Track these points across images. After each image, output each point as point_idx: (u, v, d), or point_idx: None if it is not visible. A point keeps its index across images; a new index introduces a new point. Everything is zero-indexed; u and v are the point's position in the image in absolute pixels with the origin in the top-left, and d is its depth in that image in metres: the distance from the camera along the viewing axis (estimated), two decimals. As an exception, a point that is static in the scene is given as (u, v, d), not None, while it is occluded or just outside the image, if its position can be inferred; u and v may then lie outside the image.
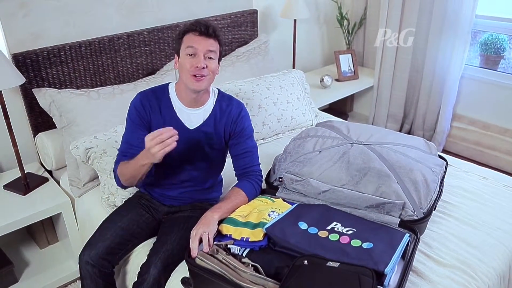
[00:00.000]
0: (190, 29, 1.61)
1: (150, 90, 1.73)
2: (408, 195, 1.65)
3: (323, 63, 3.85)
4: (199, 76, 1.60)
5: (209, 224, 1.54)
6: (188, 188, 1.81)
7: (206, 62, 1.60)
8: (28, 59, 2.11)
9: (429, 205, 1.68)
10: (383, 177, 1.69)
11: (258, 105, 2.42)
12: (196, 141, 1.73)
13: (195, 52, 1.59)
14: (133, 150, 1.64)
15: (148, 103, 1.69)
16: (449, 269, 1.57)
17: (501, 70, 3.23)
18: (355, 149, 1.84)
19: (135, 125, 1.69)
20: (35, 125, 2.25)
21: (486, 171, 2.21)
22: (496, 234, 1.73)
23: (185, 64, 1.60)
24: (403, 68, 3.44)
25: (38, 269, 2.22)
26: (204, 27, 1.59)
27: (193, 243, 1.49)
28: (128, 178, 1.63)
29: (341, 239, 1.46)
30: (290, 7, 2.99)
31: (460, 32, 3.04)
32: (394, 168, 1.73)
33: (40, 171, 2.29)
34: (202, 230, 1.51)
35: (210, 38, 1.61)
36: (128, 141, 1.69)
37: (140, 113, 1.68)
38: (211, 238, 1.51)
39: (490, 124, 3.22)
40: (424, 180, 1.71)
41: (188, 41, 1.60)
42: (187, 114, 1.72)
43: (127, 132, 1.71)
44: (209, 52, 1.61)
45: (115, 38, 2.38)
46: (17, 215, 1.98)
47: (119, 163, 1.67)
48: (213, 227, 1.54)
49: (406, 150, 1.86)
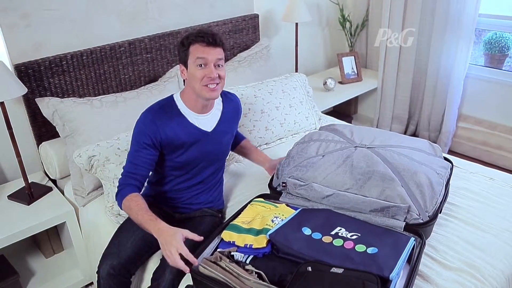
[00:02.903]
0: (197, 40, 1.62)
1: (158, 107, 1.71)
2: (413, 198, 1.63)
3: (326, 66, 3.83)
4: (213, 86, 1.64)
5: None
6: (198, 190, 1.85)
7: (217, 71, 1.64)
8: (30, 69, 2.12)
9: (434, 208, 1.65)
10: (388, 181, 1.67)
11: (261, 110, 2.42)
12: (218, 142, 1.80)
13: (205, 63, 1.62)
14: (138, 170, 1.65)
15: (159, 120, 1.67)
16: (456, 272, 1.54)
17: (506, 69, 3.20)
18: (359, 152, 1.82)
19: (143, 145, 1.66)
20: (39, 134, 2.26)
21: (493, 171, 2.18)
22: (503, 236, 1.71)
23: (196, 75, 1.62)
24: (406, 69, 3.42)
25: (44, 278, 2.22)
26: (212, 37, 1.61)
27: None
28: (131, 218, 1.60)
29: (345, 244, 1.45)
30: (292, 11, 2.99)
31: (464, 31, 3.01)
32: (399, 171, 1.71)
33: (44, 181, 2.30)
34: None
35: (218, 46, 1.63)
36: (133, 161, 1.66)
37: (151, 133, 1.66)
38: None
39: (496, 123, 3.19)
40: (429, 183, 1.69)
41: (196, 52, 1.62)
42: (200, 120, 1.75)
43: (133, 152, 1.68)
44: (219, 60, 1.64)
45: (117, 46, 2.38)
46: (22, 225, 1.98)
47: (126, 192, 1.61)
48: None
49: (410, 153, 1.84)
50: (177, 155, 1.73)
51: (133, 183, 1.64)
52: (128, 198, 1.60)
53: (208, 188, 1.87)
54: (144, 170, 1.67)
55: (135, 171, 1.65)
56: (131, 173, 1.65)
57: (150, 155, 1.67)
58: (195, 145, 1.74)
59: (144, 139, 1.66)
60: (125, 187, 1.63)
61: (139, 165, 1.66)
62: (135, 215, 1.56)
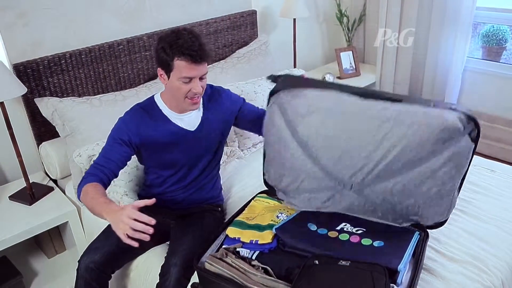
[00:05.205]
0: (184, 57, 1.51)
1: (138, 107, 1.70)
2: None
3: (324, 61, 3.83)
4: (196, 98, 1.61)
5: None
6: (192, 189, 1.83)
7: (202, 84, 1.60)
8: (29, 68, 2.11)
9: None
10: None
11: (261, 106, 2.40)
12: (203, 140, 1.75)
13: (191, 79, 1.57)
14: (108, 164, 1.59)
15: (141, 120, 1.66)
16: (461, 264, 1.55)
17: (504, 61, 3.21)
18: (347, 200, 1.53)
19: (119, 141, 1.63)
20: (39, 134, 2.25)
21: (494, 164, 2.19)
22: (507, 227, 1.72)
23: (181, 89, 1.58)
24: (405, 63, 3.42)
25: (47, 278, 2.21)
26: (199, 57, 1.53)
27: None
28: (87, 206, 1.49)
29: (351, 238, 1.45)
30: (289, 7, 2.98)
31: (461, 24, 3.01)
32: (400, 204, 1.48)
33: (45, 181, 2.29)
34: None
35: (204, 61, 1.56)
36: (106, 155, 1.61)
37: (130, 132, 1.64)
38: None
39: (495, 116, 3.19)
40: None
41: (183, 69, 1.53)
42: (182, 120, 1.72)
43: (107, 146, 1.64)
44: (203, 74, 1.60)
45: (115, 44, 2.37)
46: (24, 225, 1.97)
47: (88, 181, 1.53)
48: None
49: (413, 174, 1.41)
50: (163, 155, 1.71)
51: (99, 174, 1.56)
52: (89, 185, 1.51)
53: (202, 185, 1.85)
54: (114, 165, 1.60)
55: (105, 165, 1.59)
56: (101, 165, 1.59)
57: (124, 153, 1.63)
58: (180, 144, 1.71)
59: (122, 135, 1.63)
60: (89, 176, 1.55)
61: (111, 160, 1.60)
62: (90, 199, 1.45)
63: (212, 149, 1.81)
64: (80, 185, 1.54)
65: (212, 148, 1.81)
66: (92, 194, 1.47)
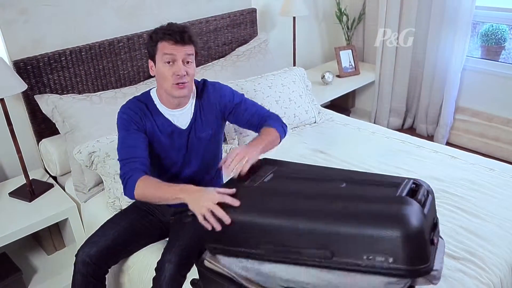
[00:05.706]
0: (164, 37, 1.53)
1: (135, 99, 1.68)
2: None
3: (323, 59, 3.84)
4: (181, 84, 1.57)
5: (251, 151, 1.50)
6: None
7: (186, 68, 1.56)
8: (29, 65, 2.11)
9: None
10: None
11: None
12: (194, 138, 1.72)
13: (173, 59, 1.54)
14: (137, 153, 1.56)
15: (138, 109, 1.64)
16: (460, 261, 1.56)
17: (502, 60, 3.22)
18: None
19: (132, 129, 1.60)
20: (38, 131, 2.25)
21: (493, 162, 2.20)
22: (505, 225, 1.73)
23: (164, 72, 1.55)
24: (404, 62, 3.43)
25: (46, 275, 2.22)
26: (180, 36, 1.53)
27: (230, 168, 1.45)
28: (150, 199, 1.51)
29: None
30: (289, 5, 2.99)
31: (460, 23, 3.02)
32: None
33: (45, 177, 2.29)
34: (243, 154, 1.47)
35: (186, 44, 1.55)
36: (130, 145, 1.57)
37: (134, 119, 1.61)
38: (249, 165, 1.47)
39: (493, 115, 3.21)
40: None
41: (164, 48, 1.54)
42: (174, 116, 1.69)
43: (124, 138, 1.59)
44: (187, 56, 1.56)
45: (115, 41, 2.37)
46: (24, 222, 1.98)
47: (137, 177, 1.50)
48: (255, 155, 1.50)
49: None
50: (157, 150, 1.69)
51: (138, 166, 1.52)
52: (142, 179, 1.49)
53: (199, 183, 1.75)
54: (143, 151, 1.56)
55: (135, 155, 1.54)
56: (131, 157, 1.54)
57: (143, 138, 1.60)
58: (170, 141, 1.69)
59: (131, 124, 1.60)
60: (132, 175, 1.51)
61: (137, 147, 1.56)
62: (155, 190, 1.46)
63: (206, 146, 1.77)
64: (127, 187, 1.51)
65: (206, 145, 1.76)
66: (153, 184, 1.48)
